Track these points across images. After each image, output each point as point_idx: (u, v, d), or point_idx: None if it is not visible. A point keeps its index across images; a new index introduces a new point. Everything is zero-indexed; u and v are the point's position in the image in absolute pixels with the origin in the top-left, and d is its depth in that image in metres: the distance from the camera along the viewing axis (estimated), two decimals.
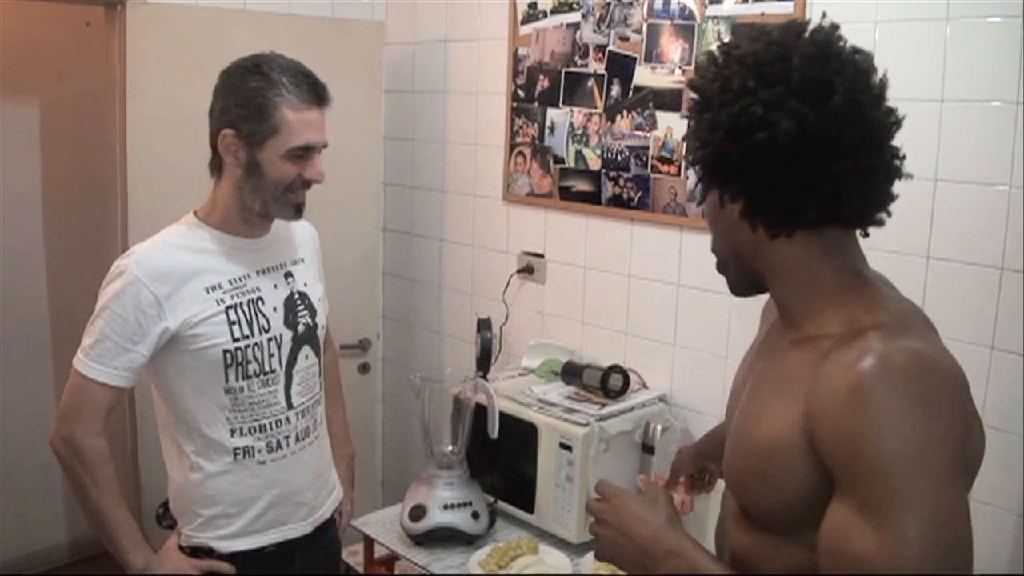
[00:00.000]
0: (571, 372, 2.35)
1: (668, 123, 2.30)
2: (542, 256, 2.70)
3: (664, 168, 2.33)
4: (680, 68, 2.27)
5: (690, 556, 1.02)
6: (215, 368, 1.61)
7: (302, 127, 1.55)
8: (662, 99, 2.31)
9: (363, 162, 2.96)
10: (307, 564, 1.78)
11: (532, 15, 2.63)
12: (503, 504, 2.26)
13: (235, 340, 1.61)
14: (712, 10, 2.18)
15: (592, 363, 2.36)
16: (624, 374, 2.27)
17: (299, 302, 1.74)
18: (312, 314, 1.75)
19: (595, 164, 2.50)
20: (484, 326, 2.28)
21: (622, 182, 2.44)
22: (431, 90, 3.01)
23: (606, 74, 2.44)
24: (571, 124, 2.55)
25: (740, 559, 1.07)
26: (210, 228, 1.65)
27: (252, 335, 1.63)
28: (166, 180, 2.52)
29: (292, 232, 1.80)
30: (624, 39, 2.39)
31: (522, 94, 2.69)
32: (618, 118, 2.42)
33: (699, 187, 1.09)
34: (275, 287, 1.70)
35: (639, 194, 2.40)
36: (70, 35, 3.14)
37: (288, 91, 1.55)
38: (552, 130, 2.61)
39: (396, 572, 2.40)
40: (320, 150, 1.62)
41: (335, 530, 1.89)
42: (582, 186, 2.55)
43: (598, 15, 2.45)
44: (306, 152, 1.58)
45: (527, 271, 2.72)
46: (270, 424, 1.68)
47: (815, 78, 0.95)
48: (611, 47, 2.42)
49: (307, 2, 2.91)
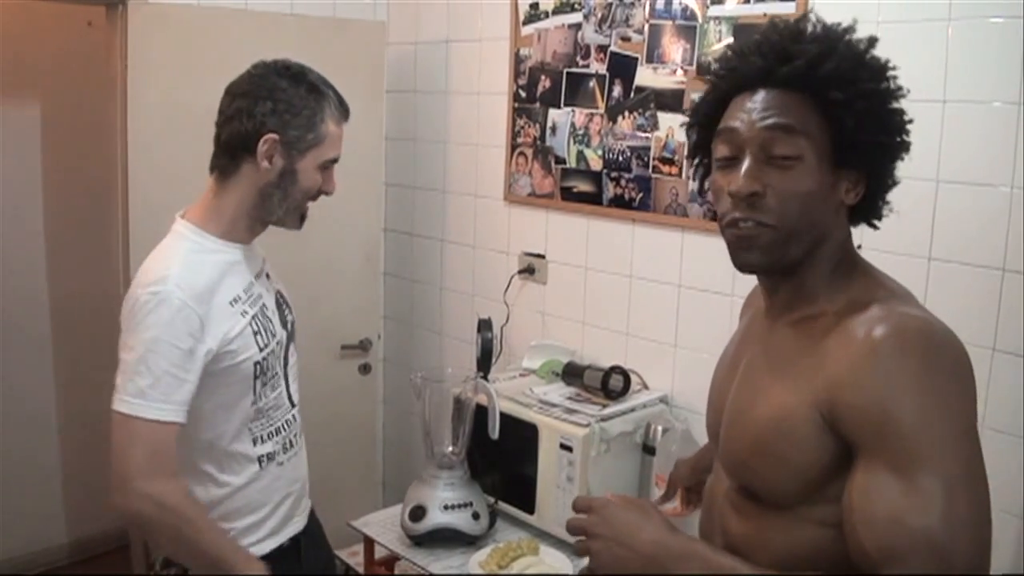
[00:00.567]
0: (572, 373, 2.35)
1: (669, 124, 2.30)
2: (543, 257, 2.70)
3: (665, 169, 2.33)
4: (682, 68, 2.26)
5: (704, 556, 1.00)
6: (245, 382, 1.57)
7: (337, 141, 1.58)
8: (664, 100, 2.31)
9: (364, 162, 2.95)
10: (308, 553, 1.80)
11: (534, 15, 2.63)
12: (503, 505, 2.26)
13: (260, 350, 1.59)
14: (714, 10, 2.18)
15: (593, 364, 2.36)
16: (625, 375, 2.27)
17: (282, 301, 1.75)
18: (291, 310, 1.77)
19: (596, 165, 2.50)
20: (485, 326, 2.28)
21: (623, 183, 2.43)
22: (432, 90, 3.01)
23: (608, 74, 2.44)
24: (572, 124, 2.55)
25: (741, 545, 1.07)
26: (213, 237, 1.57)
27: (269, 342, 1.62)
28: (167, 180, 2.52)
29: None
30: (626, 39, 2.39)
31: (523, 94, 2.69)
32: (619, 119, 2.42)
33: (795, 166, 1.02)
34: (267, 290, 1.70)
35: (640, 195, 2.39)
36: (71, 35, 3.14)
37: (332, 105, 1.57)
38: (553, 130, 2.61)
39: (396, 572, 2.40)
40: None
41: (313, 511, 1.90)
42: (583, 187, 2.55)
43: (600, 15, 2.44)
44: (331, 165, 1.60)
45: (528, 272, 2.72)
46: (282, 425, 1.69)
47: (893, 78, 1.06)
48: (613, 47, 2.42)
49: (309, 2, 2.91)
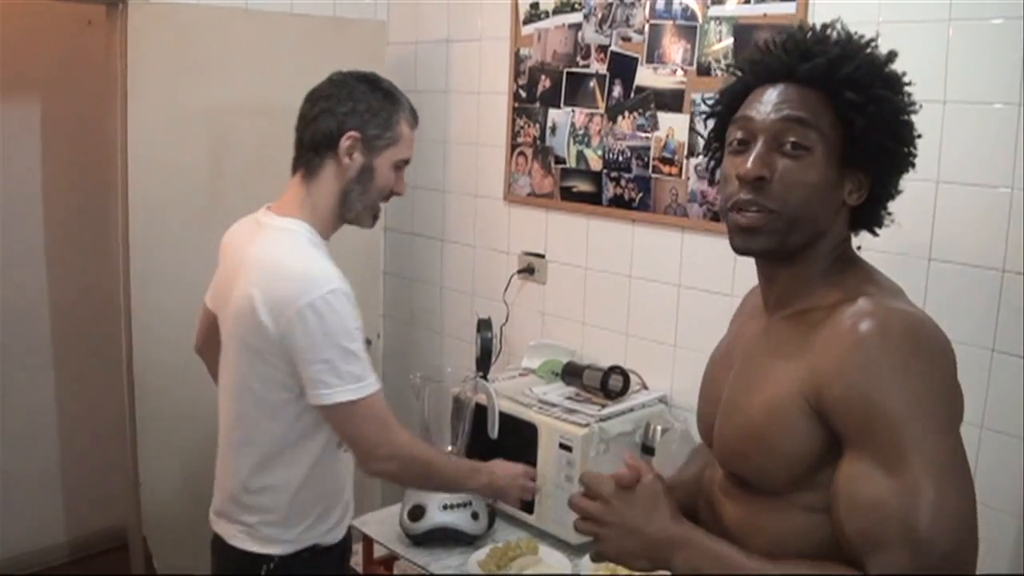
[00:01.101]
0: (571, 372, 2.35)
1: (670, 124, 2.30)
2: (543, 256, 2.70)
3: (665, 169, 2.33)
4: (682, 69, 2.26)
5: (701, 544, 1.05)
6: None
7: (410, 143, 1.70)
8: (664, 100, 2.31)
9: None
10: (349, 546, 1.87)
11: (534, 15, 2.63)
12: (502, 504, 2.26)
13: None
14: (714, 11, 2.18)
15: (592, 364, 2.35)
16: (624, 375, 2.27)
17: None
18: None
19: (596, 165, 2.50)
20: (484, 326, 2.28)
21: (623, 183, 2.43)
22: (433, 90, 3.00)
23: (608, 74, 2.44)
24: (572, 124, 2.55)
25: (734, 531, 1.11)
26: (316, 233, 1.64)
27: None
28: (167, 178, 2.52)
29: None
30: (626, 39, 2.39)
31: (524, 94, 2.69)
32: (619, 119, 2.42)
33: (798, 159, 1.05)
34: None
35: (640, 195, 2.39)
36: (71, 34, 3.14)
37: (406, 110, 1.69)
38: (553, 130, 2.61)
39: (395, 572, 2.40)
40: None
41: None
42: (583, 187, 2.55)
43: (600, 15, 2.44)
44: (403, 166, 1.71)
45: (528, 271, 2.72)
46: None
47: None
48: (613, 47, 2.42)
49: (309, 1, 2.90)
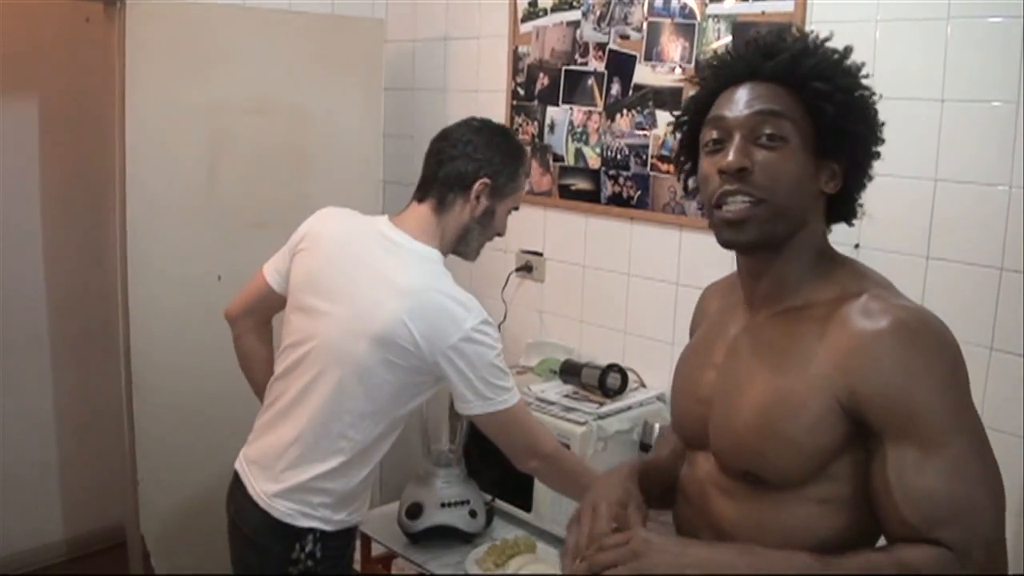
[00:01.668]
0: (569, 371, 2.35)
1: (668, 122, 2.30)
2: (541, 254, 2.69)
3: (664, 167, 2.32)
4: (680, 67, 2.26)
5: (762, 550, 1.04)
6: None
7: (523, 193, 1.86)
8: (662, 98, 2.31)
9: (362, 159, 2.95)
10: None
11: (532, 13, 2.62)
12: (500, 502, 2.26)
13: None
14: (712, 8, 2.18)
15: (590, 362, 2.35)
16: (622, 373, 2.27)
17: None
18: None
19: (595, 163, 2.50)
20: None
21: (622, 181, 2.43)
22: (431, 87, 3.00)
23: (606, 72, 2.44)
24: (571, 122, 2.55)
25: (731, 528, 1.12)
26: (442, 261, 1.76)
27: None
28: (165, 176, 2.52)
29: None
30: (624, 37, 2.39)
31: (522, 92, 2.68)
32: (618, 117, 2.42)
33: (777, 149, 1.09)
34: None
35: (638, 193, 2.39)
36: (69, 31, 3.13)
37: (528, 163, 1.88)
38: (552, 128, 2.61)
39: (393, 571, 2.40)
40: None
41: None
42: (582, 185, 2.55)
43: (598, 13, 2.44)
44: (514, 211, 1.86)
45: (526, 269, 2.72)
46: None
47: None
48: (611, 45, 2.42)
49: None
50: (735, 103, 1.10)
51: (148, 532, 2.59)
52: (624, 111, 2.40)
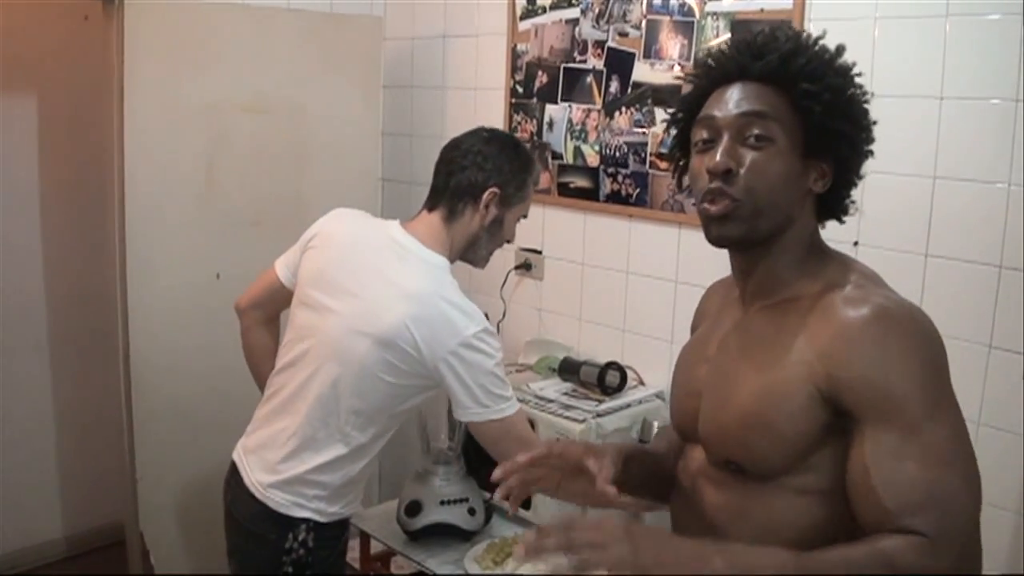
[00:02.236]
0: (568, 369, 2.35)
1: (667, 119, 2.29)
2: (540, 252, 2.69)
3: (662, 165, 2.32)
4: (679, 64, 2.26)
5: (738, 546, 1.03)
6: None
7: (530, 200, 1.88)
8: (661, 95, 2.31)
9: (361, 157, 2.95)
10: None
11: (531, 11, 2.62)
12: (499, 500, 2.25)
13: None
14: (711, 6, 2.18)
15: (589, 360, 2.35)
16: (621, 371, 2.27)
17: None
18: None
19: (593, 160, 2.50)
20: None
21: (620, 178, 2.43)
22: (429, 86, 3.00)
23: (605, 70, 2.44)
24: (570, 120, 2.55)
25: (719, 518, 1.14)
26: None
27: None
28: (164, 174, 2.52)
29: None
30: (623, 35, 2.39)
31: (521, 90, 2.68)
32: (617, 114, 2.42)
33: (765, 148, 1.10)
34: None
35: (637, 191, 2.39)
36: (68, 29, 3.13)
37: (537, 173, 1.89)
38: (550, 126, 2.60)
39: (392, 569, 2.40)
40: None
41: None
42: (580, 182, 2.54)
43: (597, 11, 2.44)
44: (522, 219, 1.89)
45: (525, 267, 2.72)
46: None
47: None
48: (610, 43, 2.42)
49: None
50: (724, 103, 1.12)
51: (147, 530, 2.59)
52: (623, 109, 2.40)
